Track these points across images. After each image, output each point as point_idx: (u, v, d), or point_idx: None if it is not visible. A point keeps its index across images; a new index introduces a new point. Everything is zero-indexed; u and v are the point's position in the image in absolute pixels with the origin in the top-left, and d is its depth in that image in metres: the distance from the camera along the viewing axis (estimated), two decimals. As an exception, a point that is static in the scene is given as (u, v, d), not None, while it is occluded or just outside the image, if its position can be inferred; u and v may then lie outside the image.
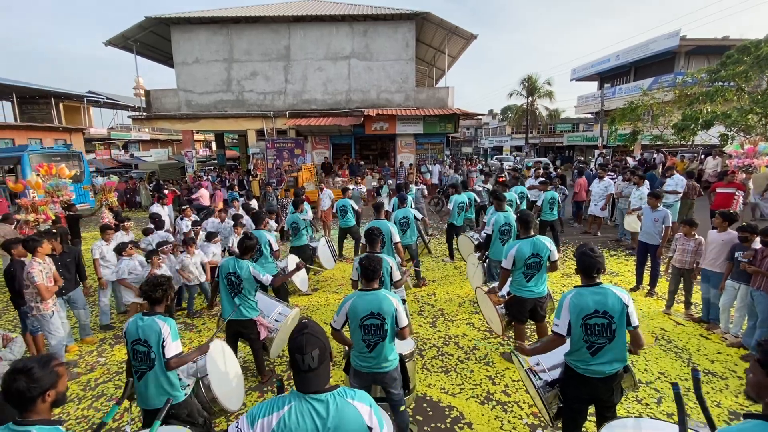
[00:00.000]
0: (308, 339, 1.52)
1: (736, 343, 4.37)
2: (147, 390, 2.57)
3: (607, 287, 2.52)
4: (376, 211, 5.32)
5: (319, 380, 1.53)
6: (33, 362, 1.63)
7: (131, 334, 2.56)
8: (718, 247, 4.61)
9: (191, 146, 19.07)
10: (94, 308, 6.13)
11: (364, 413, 1.53)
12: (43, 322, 4.06)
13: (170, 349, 2.50)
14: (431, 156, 18.35)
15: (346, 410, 1.51)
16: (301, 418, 1.47)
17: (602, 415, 2.66)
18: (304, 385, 1.52)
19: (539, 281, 3.82)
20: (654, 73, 24.27)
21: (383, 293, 2.68)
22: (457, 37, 17.43)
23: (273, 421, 1.48)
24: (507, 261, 3.81)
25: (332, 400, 1.51)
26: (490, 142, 46.52)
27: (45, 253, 4.15)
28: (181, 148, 24.94)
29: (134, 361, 2.55)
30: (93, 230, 11.72)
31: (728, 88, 14.28)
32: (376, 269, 2.70)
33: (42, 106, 26.88)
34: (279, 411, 1.49)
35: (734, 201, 7.65)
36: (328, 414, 1.49)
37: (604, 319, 2.45)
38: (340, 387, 1.57)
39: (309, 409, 1.49)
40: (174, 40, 17.13)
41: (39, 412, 1.61)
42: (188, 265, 5.38)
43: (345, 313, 2.67)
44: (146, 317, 2.57)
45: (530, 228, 3.85)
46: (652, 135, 18.39)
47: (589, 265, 2.54)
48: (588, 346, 2.49)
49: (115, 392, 3.94)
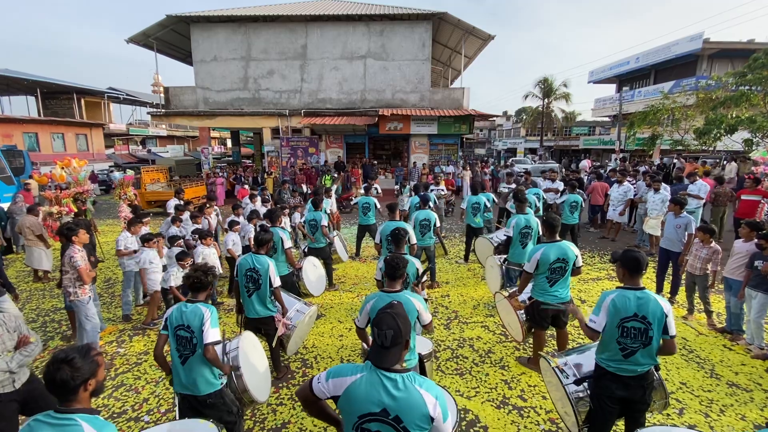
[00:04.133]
0: (387, 319, 1.60)
1: (761, 354, 4.24)
2: (189, 374, 2.59)
3: (649, 293, 2.51)
4: (391, 212, 5.28)
5: (390, 359, 1.59)
6: (74, 352, 1.65)
7: (175, 319, 2.59)
8: (744, 256, 4.50)
9: (207, 143, 19.34)
10: (114, 299, 6.27)
11: (429, 403, 1.55)
12: (81, 307, 4.20)
13: (209, 335, 2.52)
14: (445, 157, 18.27)
15: (413, 394, 1.55)
16: (371, 389, 1.55)
17: (632, 421, 2.65)
18: (376, 358, 1.60)
19: (563, 287, 3.74)
20: (675, 76, 23.75)
21: (405, 295, 2.67)
22: (474, 37, 17.32)
23: (346, 383, 1.60)
24: (530, 264, 3.75)
25: (401, 381, 1.56)
26: (504, 144, 46.08)
27: (82, 242, 4.29)
28: (198, 144, 25.35)
29: (178, 345, 2.59)
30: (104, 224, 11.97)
31: (754, 93, 13.89)
32: (401, 268, 2.70)
33: (64, 102, 27.63)
34: (352, 376, 1.61)
35: (759, 209, 7.44)
36: (397, 392, 1.54)
37: (642, 324, 2.44)
38: (411, 372, 1.62)
39: (379, 383, 1.56)
40: (193, 38, 17.40)
41: (80, 401, 1.64)
42: (209, 255, 5.44)
43: (367, 312, 2.68)
44: (191, 304, 2.62)
45: (556, 232, 3.78)
46: (672, 139, 17.99)
47: (636, 262, 2.51)
48: (621, 348, 2.50)
49: (134, 383, 4.02)
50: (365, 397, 1.55)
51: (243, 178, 16.58)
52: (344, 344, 4.74)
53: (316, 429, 3.33)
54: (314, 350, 4.62)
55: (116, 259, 5.90)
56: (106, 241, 9.39)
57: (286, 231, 5.22)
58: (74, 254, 4.13)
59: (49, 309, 5.90)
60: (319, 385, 1.65)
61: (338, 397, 1.61)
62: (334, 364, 4.31)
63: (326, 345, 4.73)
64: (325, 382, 1.64)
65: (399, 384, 1.55)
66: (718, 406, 3.52)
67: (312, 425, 3.37)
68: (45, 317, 5.64)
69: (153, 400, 3.74)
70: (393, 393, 1.53)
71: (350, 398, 1.58)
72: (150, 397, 3.79)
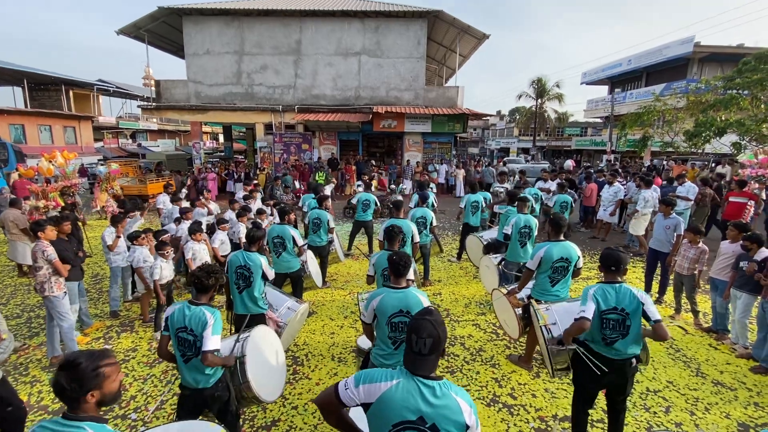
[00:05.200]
0: (427, 326, 1.55)
1: (746, 354, 4.32)
2: (193, 372, 2.55)
3: (625, 286, 2.69)
4: (396, 210, 5.19)
5: (428, 366, 1.56)
6: (83, 357, 1.56)
7: (177, 321, 2.52)
8: (729, 257, 4.58)
9: (199, 138, 19.11)
10: (101, 295, 6.18)
11: (465, 411, 1.53)
12: (56, 304, 4.07)
13: (208, 342, 2.42)
14: (438, 155, 18.29)
15: (450, 402, 1.53)
16: (408, 396, 1.51)
17: (613, 401, 2.86)
18: (412, 366, 1.56)
19: (564, 287, 3.77)
20: (666, 79, 24.02)
21: (412, 291, 2.66)
22: (469, 36, 17.33)
23: (380, 390, 1.53)
24: (533, 262, 3.76)
25: (438, 389, 1.53)
26: (497, 143, 46.29)
27: (48, 238, 4.15)
28: (189, 139, 25.03)
29: (180, 347, 2.53)
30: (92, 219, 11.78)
31: (743, 97, 14.11)
32: (407, 265, 2.69)
33: (52, 93, 27.06)
34: (387, 382, 1.54)
35: (746, 211, 7.57)
36: (434, 401, 1.51)
37: (620, 315, 2.63)
38: (444, 378, 1.60)
39: (416, 390, 1.52)
40: (186, 30, 17.14)
41: (86, 410, 1.56)
42: (199, 251, 5.37)
43: (373, 309, 2.65)
44: (194, 306, 2.55)
45: (561, 232, 3.79)
46: (662, 141, 18.23)
47: (612, 259, 2.71)
48: (602, 338, 2.71)
49: (123, 380, 3.94)
50: (401, 404, 1.50)
51: (235, 173, 16.43)
52: (336, 342, 4.73)
53: (306, 427, 3.31)
54: (305, 348, 4.60)
55: (104, 254, 5.80)
56: (93, 235, 9.23)
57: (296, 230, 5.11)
58: (46, 248, 4.00)
59: (35, 305, 5.78)
60: (348, 392, 1.57)
61: (369, 404, 1.55)
62: (326, 361, 4.30)
63: (317, 342, 4.71)
64: (355, 388, 1.57)
65: (437, 391, 1.52)
66: (704, 405, 3.58)
67: (302, 423, 3.36)
68: (30, 313, 5.53)
69: (140, 398, 3.69)
70: (431, 400, 1.50)
71: (385, 405, 1.52)
72: (137, 394, 3.74)
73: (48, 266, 4.00)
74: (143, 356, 4.40)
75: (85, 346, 4.64)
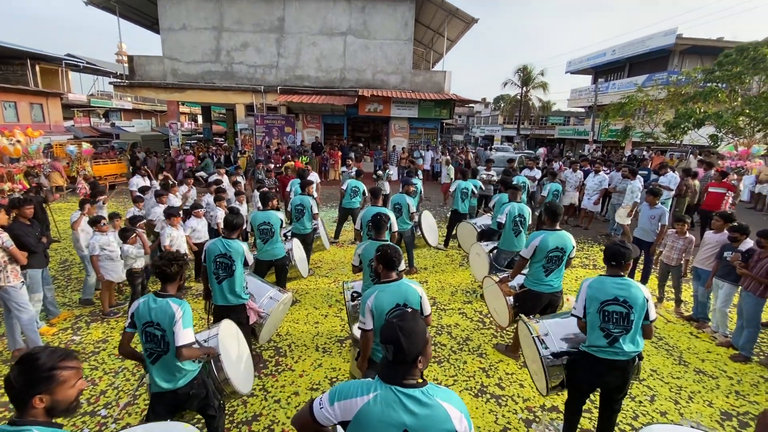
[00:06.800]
0: (404, 330, 1.39)
1: (726, 342, 4.41)
2: (163, 371, 2.37)
3: (629, 280, 2.60)
4: (374, 197, 5.06)
5: (409, 373, 1.40)
6: (42, 354, 1.37)
7: (143, 316, 2.33)
8: (714, 247, 4.62)
9: (176, 118, 18.32)
10: (69, 282, 5.84)
11: (455, 417, 1.38)
12: (13, 294, 3.74)
13: (180, 337, 2.26)
14: (424, 141, 18.10)
15: (437, 410, 1.37)
16: (389, 409, 1.36)
17: (610, 399, 2.73)
18: (391, 376, 1.40)
19: (557, 276, 3.71)
20: (648, 70, 24.31)
21: (406, 283, 2.53)
22: (457, 19, 16.98)
23: (357, 406, 1.38)
24: (527, 250, 3.67)
25: (422, 397, 1.38)
26: (481, 131, 46.31)
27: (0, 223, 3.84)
28: (166, 119, 24.04)
29: (148, 343, 2.34)
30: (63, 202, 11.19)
31: (721, 89, 14.39)
32: (399, 258, 2.56)
33: (17, 68, 25.30)
34: (364, 396, 1.39)
35: (724, 201, 7.73)
36: (418, 411, 1.36)
37: (624, 308, 2.52)
38: (429, 384, 1.43)
39: (396, 401, 1.37)
40: (160, 3, 16.18)
41: (34, 415, 1.35)
42: (176, 237, 5.08)
43: (370, 310, 2.46)
44: (159, 299, 2.35)
45: (558, 220, 3.71)
46: (643, 132, 18.54)
47: (616, 253, 2.59)
48: (605, 335, 2.55)
49: (91, 373, 3.72)
50: (382, 419, 1.35)
51: (214, 156, 15.85)
52: (320, 331, 4.59)
53: (289, 422, 3.18)
54: (288, 338, 4.44)
55: (73, 243, 5.44)
56: (62, 219, 8.74)
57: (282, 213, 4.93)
58: (1, 234, 3.67)
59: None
60: (323, 411, 1.42)
61: (347, 422, 1.39)
62: (309, 352, 4.16)
63: (301, 332, 4.56)
64: (330, 406, 1.41)
65: (421, 399, 1.37)
66: (687, 393, 3.62)
67: (285, 417, 3.22)
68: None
69: (111, 393, 3.48)
70: (414, 411, 1.35)
71: (363, 423, 1.37)
72: (108, 389, 3.52)
73: (2, 253, 3.66)
74: (114, 348, 4.14)
75: (50, 337, 4.35)
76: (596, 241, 8.30)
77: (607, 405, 2.75)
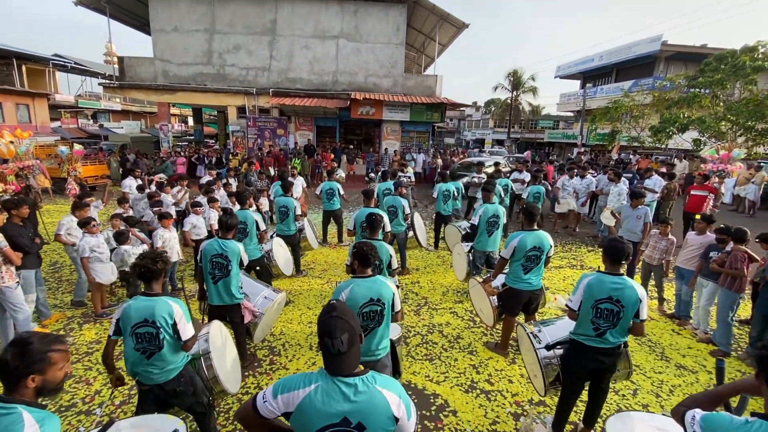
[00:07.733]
0: (337, 322, 1.46)
1: (706, 338, 4.58)
2: (155, 367, 2.42)
3: (626, 279, 2.67)
4: (367, 198, 5.16)
5: (349, 363, 1.47)
6: (36, 338, 1.50)
7: (133, 318, 2.35)
8: (697, 248, 4.80)
9: (167, 120, 18.20)
10: (61, 284, 5.81)
11: (393, 403, 1.46)
12: (8, 295, 3.75)
13: (186, 332, 2.42)
14: (416, 144, 18.26)
15: (374, 397, 1.44)
16: (329, 399, 1.42)
17: (596, 386, 2.87)
18: (333, 368, 1.47)
19: (537, 274, 3.84)
20: (634, 75, 24.87)
21: (380, 279, 2.63)
22: (448, 24, 17.22)
23: (298, 398, 1.44)
24: (507, 251, 3.81)
25: (361, 385, 1.45)
26: (472, 134, 46.75)
27: None
28: (156, 121, 23.85)
29: (139, 343, 2.37)
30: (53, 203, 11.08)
31: (704, 95, 14.82)
32: (374, 254, 2.65)
33: (2, 68, 24.90)
34: (305, 388, 1.45)
35: (706, 203, 7.98)
36: (357, 398, 1.43)
37: (615, 306, 2.62)
38: (369, 372, 1.51)
39: (336, 391, 1.43)
40: (152, 4, 16.12)
41: (23, 394, 1.47)
42: (169, 239, 5.11)
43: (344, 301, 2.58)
44: (150, 298, 2.40)
45: (535, 221, 3.85)
46: (629, 136, 18.96)
47: (617, 251, 2.65)
48: (594, 328, 2.70)
49: (85, 374, 3.74)
50: (322, 408, 1.41)
51: (206, 158, 15.80)
52: (313, 331, 4.65)
53: (284, 418, 3.24)
54: (282, 337, 4.50)
55: (64, 246, 5.42)
56: (51, 221, 8.65)
57: (258, 214, 5.01)
58: None
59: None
60: (266, 404, 1.46)
61: (290, 413, 1.45)
62: (303, 351, 4.23)
63: (294, 332, 4.62)
64: (273, 399, 1.45)
65: (359, 387, 1.44)
66: (668, 387, 3.76)
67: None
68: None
69: (106, 392, 3.50)
70: (352, 398, 1.42)
71: (305, 414, 1.42)
72: (102, 389, 3.54)
73: None
74: (108, 348, 4.17)
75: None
76: (584, 243, 8.49)
77: (595, 385, 2.91)
